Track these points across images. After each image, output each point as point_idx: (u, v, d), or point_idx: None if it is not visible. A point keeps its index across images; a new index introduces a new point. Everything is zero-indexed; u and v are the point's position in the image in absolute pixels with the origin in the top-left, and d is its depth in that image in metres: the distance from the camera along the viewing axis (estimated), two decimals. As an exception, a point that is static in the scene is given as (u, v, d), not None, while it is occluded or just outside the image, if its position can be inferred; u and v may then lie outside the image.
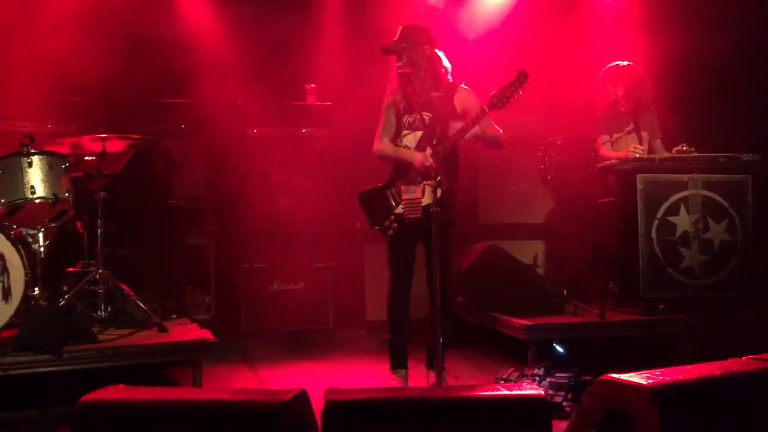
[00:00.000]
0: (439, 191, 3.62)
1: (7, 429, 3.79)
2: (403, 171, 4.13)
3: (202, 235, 6.04)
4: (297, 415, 2.31)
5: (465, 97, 4.12)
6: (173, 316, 4.96)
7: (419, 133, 4.10)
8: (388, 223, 4.13)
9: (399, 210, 4.11)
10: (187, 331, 4.46)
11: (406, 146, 4.15)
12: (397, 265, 4.18)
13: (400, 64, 4.06)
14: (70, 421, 2.27)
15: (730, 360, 2.77)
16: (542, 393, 2.26)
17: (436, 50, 4.17)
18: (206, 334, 4.24)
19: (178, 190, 5.88)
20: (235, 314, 5.97)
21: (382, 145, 4.26)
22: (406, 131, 4.17)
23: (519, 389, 2.37)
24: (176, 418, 2.22)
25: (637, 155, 4.92)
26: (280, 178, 6.21)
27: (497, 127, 4.13)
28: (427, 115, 4.05)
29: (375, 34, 6.14)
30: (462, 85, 4.18)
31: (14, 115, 5.54)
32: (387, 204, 4.15)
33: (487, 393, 2.32)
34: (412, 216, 3.97)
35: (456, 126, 3.95)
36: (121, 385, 2.47)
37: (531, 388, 2.34)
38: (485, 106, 3.84)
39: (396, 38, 4.12)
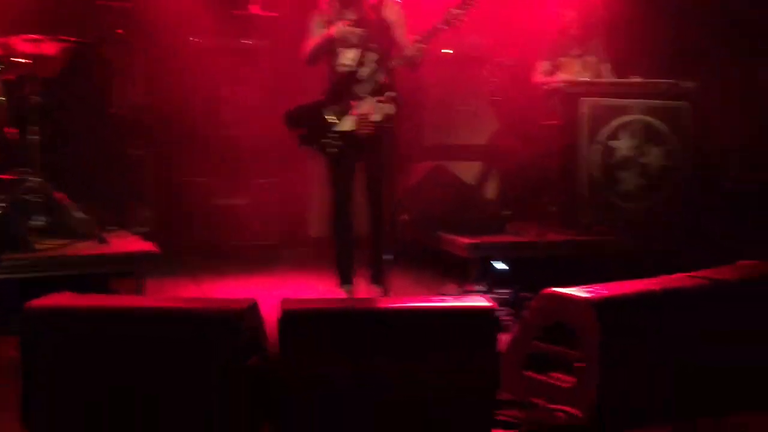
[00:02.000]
0: (392, 107, 3.61)
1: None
2: (344, 88, 4.07)
3: (142, 147, 5.85)
4: (251, 324, 2.33)
5: (393, 10, 4.07)
6: (112, 228, 4.86)
7: (354, 50, 4.04)
8: (328, 140, 4.10)
9: (342, 127, 4.06)
10: (127, 243, 4.40)
11: (344, 64, 4.09)
12: (338, 184, 4.18)
13: None
14: (19, 326, 2.22)
15: (664, 276, 2.91)
16: (490, 304, 2.34)
17: None
18: (149, 246, 4.20)
19: (116, 99, 5.65)
20: (176, 228, 5.88)
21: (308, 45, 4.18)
22: (340, 48, 4.10)
23: (469, 300, 2.44)
24: (127, 325, 2.21)
25: (562, 83, 4.96)
26: (223, 91, 6.03)
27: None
28: (359, 31, 3.98)
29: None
30: None
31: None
32: (326, 121, 4.10)
33: (438, 304, 2.38)
34: (364, 132, 3.95)
35: (389, 41, 3.92)
36: (67, 292, 2.43)
37: (479, 300, 2.42)
38: (440, 24, 3.80)
39: None
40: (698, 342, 2.64)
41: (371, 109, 3.92)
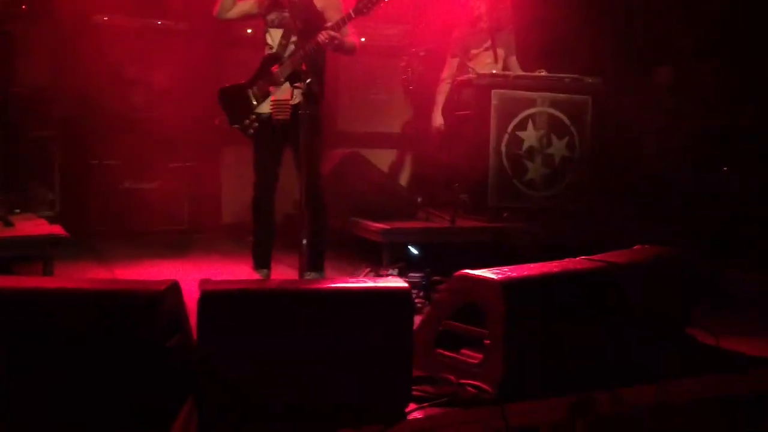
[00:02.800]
0: (309, 94, 3.64)
1: None
2: (265, 70, 4.08)
3: (47, 128, 5.65)
4: (171, 305, 2.35)
5: None
6: (17, 210, 4.71)
7: (280, 31, 4.04)
8: (248, 122, 4.10)
9: (261, 110, 4.08)
10: (34, 226, 4.28)
11: (268, 44, 4.09)
12: (259, 167, 4.18)
13: None
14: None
15: (566, 260, 3.11)
16: (406, 285, 2.44)
17: None
18: (57, 229, 4.10)
19: (20, 78, 5.44)
20: (83, 212, 5.74)
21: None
22: (269, 28, 4.10)
23: (384, 282, 2.54)
24: (41, 305, 2.19)
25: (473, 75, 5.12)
26: (134, 72, 5.92)
27: (354, 37, 4.11)
28: (284, 14, 3.99)
29: None
30: None
31: None
32: (248, 102, 4.10)
33: (356, 285, 2.47)
34: (281, 117, 3.97)
35: (320, 21, 3.92)
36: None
37: (395, 281, 2.52)
38: (351, 12, 3.84)
39: None
40: (595, 320, 2.84)
41: (288, 94, 3.93)
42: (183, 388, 2.27)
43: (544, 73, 5.27)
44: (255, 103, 4.10)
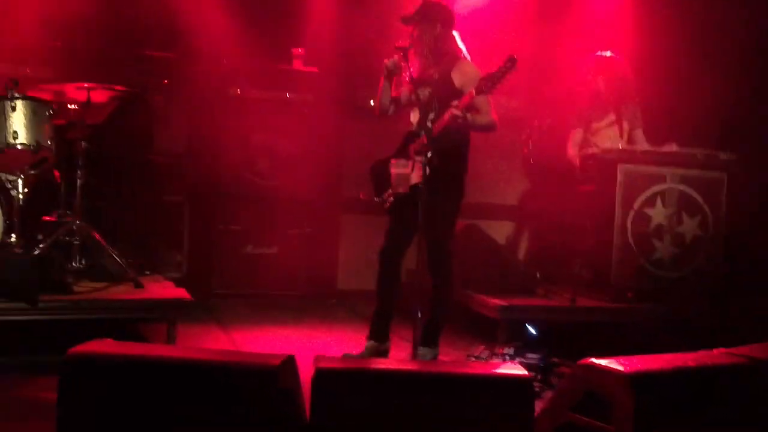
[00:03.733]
0: (427, 168, 3.64)
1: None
2: (404, 146, 4.12)
3: (178, 193, 5.98)
4: (286, 379, 2.33)
5: (464, 71, 4.04)
6: (147, 272, 4.93)
7: (420, 110, 4.07)
8: (386, 195, 4.15)
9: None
10: (162, 289, 4.45)
11: (410, 121, 4.14)
12: (387, 237, 4.18)
13: (413, 33, 4.04)
14: (58, 370, 2.26)
15: (702, 351, 2.88)
16: (527, 374, 2.32)
17: (454, 31, 4.13)
18: (182, 293, 4.24)
19: (157, 146, 5.80)
20: (206, 274, 5.96)
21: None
22: (413, 108, 4.16)
23: (505, 368, 2.43)
24: (165, 375, 2.23)
25: (597, 150, 4.99)
26: (260, 141, 6.17)
27: (490, 114, 4.03)
28: (423, 92, 4.03)
29: (367, 2, 6.14)
30: (463, 57, 4.11)
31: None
32: (387, 176, 4.14)
33: (474, 371, 2.38)
34: (399, 191, 3.99)
35: (454, 102, 3.91)
36: (108, 339, 2.47)
37: (516, 368, 2.40)
38: (473, 91, 3.83)
39: (416, 11, 4.07)
40: (734, 422, 2.59)
41: (410, 168, 3.94)
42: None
43: (674, 148, 5.04)
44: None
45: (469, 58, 4.13)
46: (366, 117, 6.06)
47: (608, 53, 5.40)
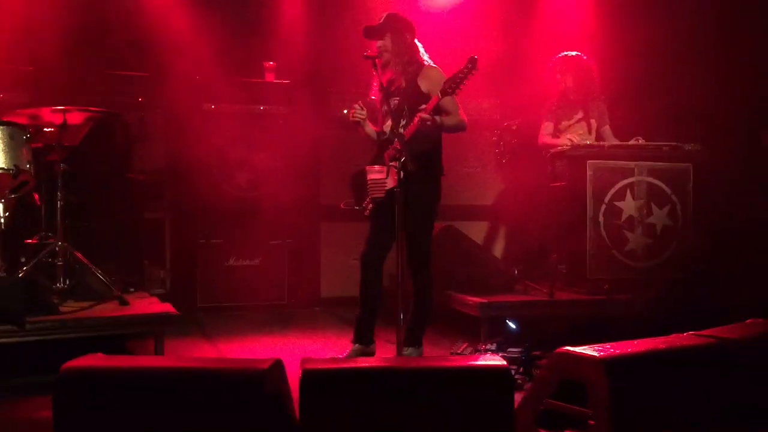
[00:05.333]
0: (401, 173, 3.74)
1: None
2: (379, 154, 4.22)
3: (158, 210, 6.03)
4: (275, 383, 2.42)
5: (429, 76, 4.16)
6: (131, 289, 4.98)
7: (393, 118, 4.18)
8: (365, 203, 4.25)
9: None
10: (147, 305, 4.50)
11: (384, 131, 4.26)
12: (367, 242, 4.27)
13: (378, 44, 4.14)
14: (53, 386, 2.32)
15: (673, 335, 3.00)
16: (505, 364, 2.43)
17: (416, 40, 4.26)
18: (168, 308, 4.29)
19: (135, 164, 5.86)
20: (190, 289, 6.02)
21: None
22: (385, 117, 4.28)
23: (484, 360, 2.53)
24: (157, 384, 2.31)
25: (568, 146, 5.15)
26: (238, 154, 6.24)
27: (459, 114, 4.16)
28: (394, 100, 4.14)
29: (336, 13, 6.25)
30: (427, 64, 4.22)
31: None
32: (365, 185, 4.23)
33: (455, 363, 2.48)
34: (376, 195, 4.08)
35: (421, 106, 4.00)
36: (100, 354, 2.53)
37: (495, 359, 2.51)
38: (438, 93, 3.93)
39: (380, 23, 4.18)
40: (704, 400, 2.71)
41: (385, 173, 4.04)
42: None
43: (641, 142, 5.19)
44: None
45: (432, 63, 4.25)
46: (340, 126, 6.18)
47: (574, 53, 5.54)
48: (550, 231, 5.34)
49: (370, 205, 4.18)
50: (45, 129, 4.57)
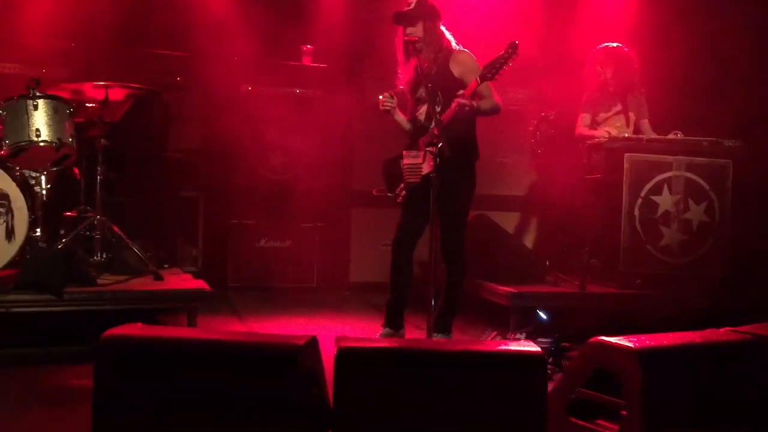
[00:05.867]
0: (438, 159, 3.75)
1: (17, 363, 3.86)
2: (414, 141, 4.22)
3: (193, 189, 6.10)
4: (310, 359, 2.44)
5: (461, 60, 4.17)
6: (165, 265, 5.06)
7: (426, 104, 4.18)
8: (398, 189, 4.26)
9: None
10: (181, 281, 4.57)
11: (418, 119, 4.25)
12: (399, 228, 4.28)
13: (408, 31, 4.14)
14: (94, 353, 2.37)
15: (709, 330, 2.97)
16: (540, 350, 2.42)
17: (442, 26, 4.26)
18: (202, 284, 4.36)
19: (172, 142, 5.92)
20: (221, 268, 6.08)
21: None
22: (418, 105, 4.28)
23: (518, 345, 2.53)
24: (196, 355, 2.34)
25: (605, 138, 5.09)
26: (272, 137, 6.28)
27: (493, 98, 4.16)
28: (427, 86, 4.14)
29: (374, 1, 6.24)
30: (457, 48, 4.22)
31: (6, 57, 5.51)
32: (399, 171, 4.25)
33: (490, 348, 2.48)
34: (411, 180, 4.09)
35: (460, 87, 4.01)
36: (139, 323, 2.58)
37: (529, 345, 2.50)
38: (477, 79, 3.93)
39: (411, 8, 4.18)
40: (740, 396, 2.68)
41: (422, 158, 4.04)
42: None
43: (679, 136, 5.12)
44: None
45: (461, 47, 4.24)
46: (375, 112, 6.17)
47: (615, 44, 5.48)
48: (584, 223, 5.30)
49: (403, 192, 4.19)
50: (87, 104, 4.66)
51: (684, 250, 5.02)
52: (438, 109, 3.99)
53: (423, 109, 4.23)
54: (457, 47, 4.23)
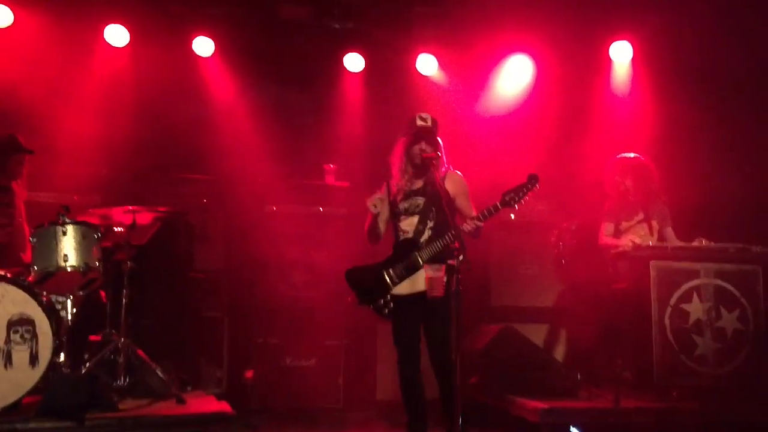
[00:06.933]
0: (459, 273, 3.73)
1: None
2: (403, 254, 4.26)
3: (217, 308, 6.09)
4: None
5: (456, 181, 4.34)
6: (188, 387, 4.99)
7: (415, 218, 4.27)
8: (383, 302, 4.24)
9: (399, 291, 4.24)
10: (204, 403, 4.49)
11: (404, 230, 4.32)
12: (401, 343, 4.27)
13: (428, 148, 4.27)
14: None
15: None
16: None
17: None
18: (225, 407, 4.28)
19: (197, 262, 5.99)
20: (246, 389, 5.97)
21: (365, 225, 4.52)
22: (403, 216, 4.34)
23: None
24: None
25: (630, 246, 5.06)
26: (296, 255, 6.31)
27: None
28: (420, 200, 4.25)
29: (391, 119, 6.44)
30: (451, 169, 4.38)
31: (41, 186, 5.71)
32: (383, 283, 4.26)
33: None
34: (435, 295, 4.07)
35: (452, 206, 4.19)
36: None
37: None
38: (498, 204, 4.05)
39: (430, 125, 4.36)
40: None
41: (443, 271, 4.04)
42: None
43: (704, 243, 5.07)
44: (391, 284, 4.26)
45: (451, 167, 4.38)
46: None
47: (632, 155, 5.54)
48: (614, 334, 5.17)
49: (391, 305, 4.18)
50: (115, 228, 4.76)
51: (720, 360, 4.86)
52: (430, 225, 4.13)
53: (408, 222, 4.28)
54: (451, 168, 4.39)
